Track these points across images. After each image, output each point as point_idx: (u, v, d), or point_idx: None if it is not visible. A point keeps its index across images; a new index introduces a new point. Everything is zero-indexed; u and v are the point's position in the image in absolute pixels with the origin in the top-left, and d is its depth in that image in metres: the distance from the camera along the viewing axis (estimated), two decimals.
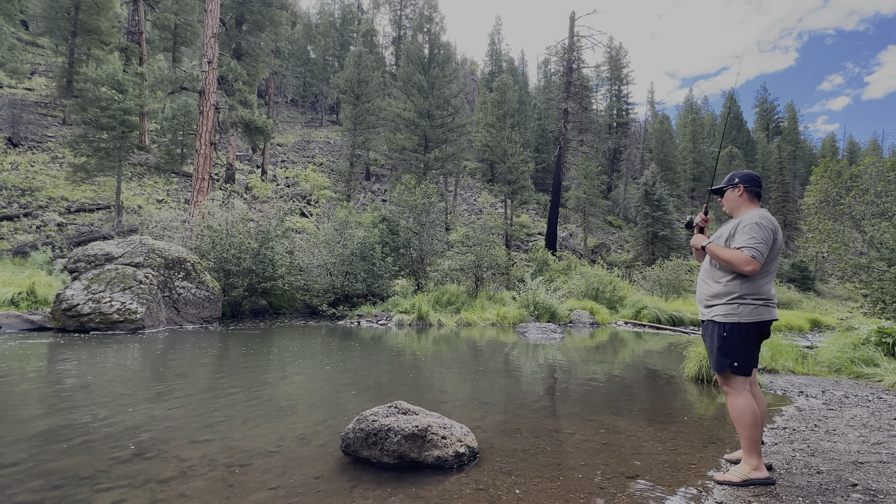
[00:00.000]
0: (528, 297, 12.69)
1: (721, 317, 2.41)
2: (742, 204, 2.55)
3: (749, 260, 2.29)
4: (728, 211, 2.62)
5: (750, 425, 2.32)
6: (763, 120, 64.34)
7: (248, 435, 3.03)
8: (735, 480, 2.33)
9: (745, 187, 2.54)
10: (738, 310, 2.36)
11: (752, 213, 2.43)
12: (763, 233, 2.33)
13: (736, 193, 2.57)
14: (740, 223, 2.43)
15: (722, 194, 2.65)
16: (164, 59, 27.41)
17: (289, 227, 14.55)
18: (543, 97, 46.52)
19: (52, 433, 2.97)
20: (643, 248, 30.30)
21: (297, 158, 33.11)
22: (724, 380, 2.44)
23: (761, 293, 2.37)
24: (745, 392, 2.37)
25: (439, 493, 2.23)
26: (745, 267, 2.30)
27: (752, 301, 2.36)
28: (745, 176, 2.57)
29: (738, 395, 2.37)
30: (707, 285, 2.54)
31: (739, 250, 2.33)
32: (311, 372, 5.22)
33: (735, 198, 2.57)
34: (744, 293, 2.37)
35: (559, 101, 29.20)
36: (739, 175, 2.58)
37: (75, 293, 8.31)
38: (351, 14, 50.59)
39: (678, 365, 5.95)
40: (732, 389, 2.40)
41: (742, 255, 2.31)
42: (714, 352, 2.44)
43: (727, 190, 2.61)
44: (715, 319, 2.44)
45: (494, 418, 3.53)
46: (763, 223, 2.35)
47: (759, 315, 2.35)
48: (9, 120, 20.29)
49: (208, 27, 14.80)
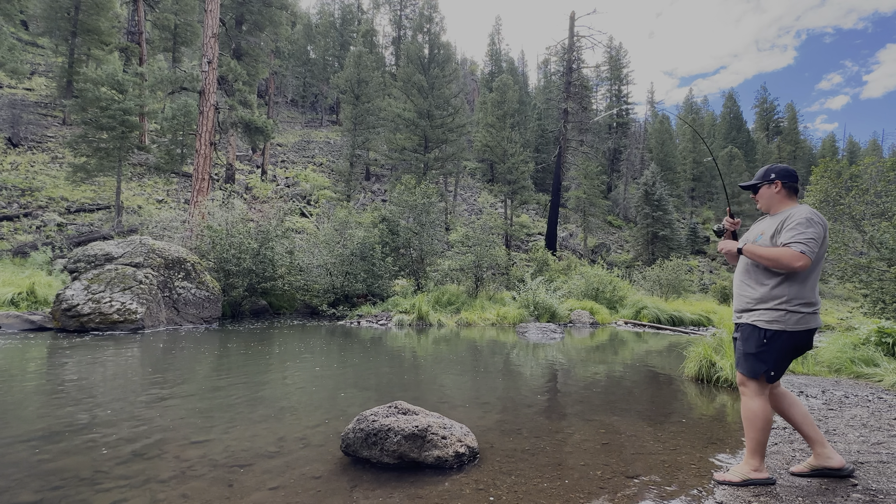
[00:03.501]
0: (528, 297, 12.69)
1: (764, 323, 2.26)
2: (780, 201, 2.40)
3: (799, 255, 2.12)
4: (764, 208, 2.46)
5: (760, 429, 2.27)
6: (763, 120, 64.31)
7: (248, 435, 3.03)
8: (734, 480, 2.31)
9: (783, 183, 2.39)
10: (784, 317, 2.22)
11: (800, 209, 2.27)
12: (814, 229, 2.17)
13: (773, 190, 2.41)
14: (788, 218, 2.26)
15: (756, 191, 2.49)
16: (164, 59, 27.46)
17: (289, 228, 14.54)
18: (543, 97, 46.54)
19: (52, 433, 2.97)
20: (643, 248, 30.31)
21: (297, 158, 33.11)
22: (745, 381, 2.35)
23: (810, 298, 2.22)
24: (762, 396, 2.30)
25: (439, 493, 2.23)
26: (795, 263, 2.13)
27: (801, 308, 2.22)
28: (781, 171, 2.41)
29: (756, 398, 2.30)
30: (749, 288, 2.37)
31: (786, 246, 2.17)
32: (311, 372, 5.22)
33: (772, 194, 2.42)
34: (791, 298, 2.22)
35: (559, 101, 29.22)
36: (776, 170, 2.42)
37: (75, 293, 8.31)
38: (351, 14, 50.59)
39: (678, 365, 5.95)
40: (751, 392, 2.32)
41: (790, 252, 2.15)
42: (749, 357, 2.31)
43: (762, 186, 2.45)
44: (757, 325, 2.29)
45: (494, 418, 3.53)
46: (814, 219, 2.20)
47: (806, 324, 2.22)
48: (9, 120, 20.29)
49: (208, 27, 14.80)
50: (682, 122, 58.23)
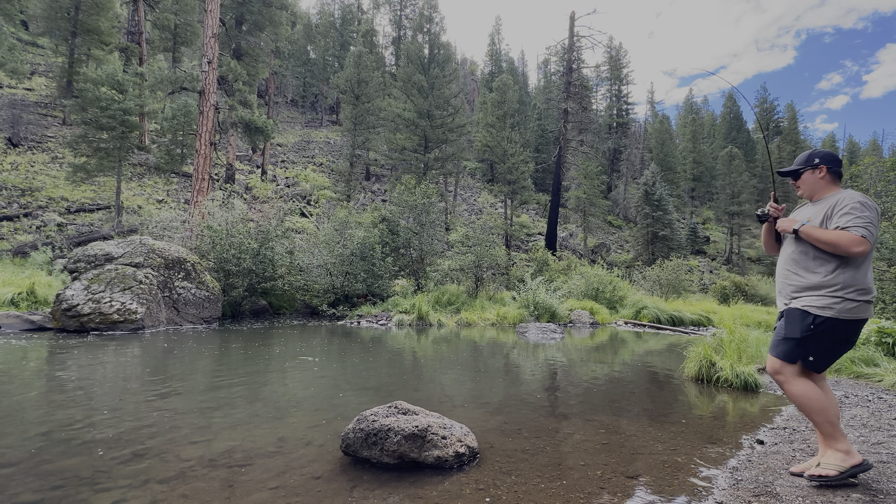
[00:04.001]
0: (528, 297, 12.69)
1: (815, 308, 2.16)
2: (825, 186, 2.32)
3: (860, 240, 2.05)
4: (806, 195, 2.38)
5: (823, 408, 2.14)
6: (763, 120, 64.29)
7: (248, 435, 3.03)
8: (832, 474, 2.15)
9: (827, 168, 2.31)
10: (839, 304, 2.12)
11: (849, 193, 2.20)
12: (870, 213, 2.11)
13: (817, 175, 2.33)
14: (838, 203, 2.18)
15: (797, 176, 2.40)
16: (164, 59, 27.45)
17: (289, 228, 14.55)
18: (543, 97, 46.54)
19: (52, 433, 2.97)
20: (643, 248, 30.32)
21: (297, 158, 33.11)
22: (779, 367, 2.26)
23: (866, 285, 2.13)
24: (800, 378, 2.20)
25: (439, 493, 2.23)
26: (854, 248, 2.05)
27: (856, 297, 2.12)
28: (825, 155, 2.33)
29: (796, 380, 2.21)
30: (797, 276, 2.27)
31: (845, 230, 2.09)
32: (311, 372, 5.22)
33: (816, 180, 2.34)
34: (847, 285, 2.13)
35: (559, 101, 29.22)
36: (819, 154, 2.35)
37: (75, 293, 8.31)
38: (351, 14, 50.58)
39: (678, 365, 5.95)
40: (786, 377, 2.23)
41: (851, 235, 2.07)
42: (788, 341, 2.22)
43: (805, 172, 2.37)
44: (807, 310, 2.18)
45: (494, 418, 3.53)
46: (868, 203, 2.13)
47: (860, 313, 2.13)
48: (9, 120, 20.29)
49: (208, 27, 14.80)
50: (683, 122, 58.24)
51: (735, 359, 5.16)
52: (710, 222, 45.32)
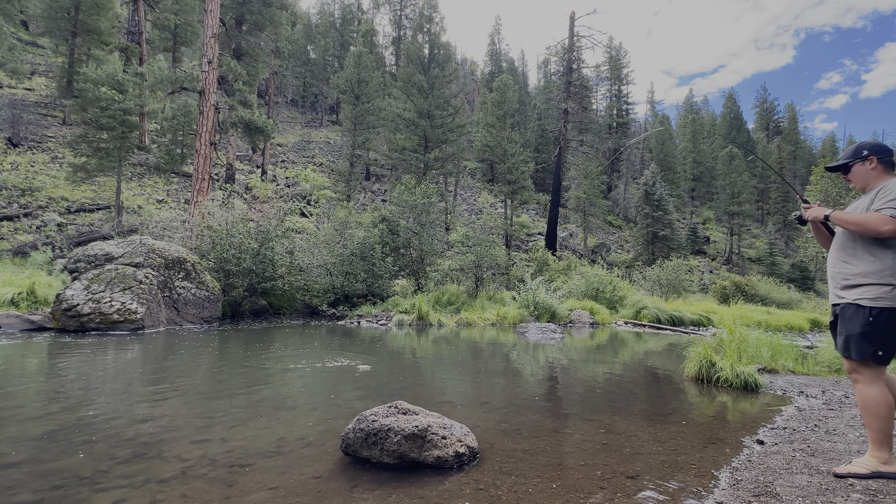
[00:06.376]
0: (528, 297, 12.69)
1: (868, 300, 2.17)
2: (877, 176, 2.34)
3: (888, 219, 2.09)
4: (859, 187, 2.40)
5: (884, 417, 2.16)
6: (763, 120, 64.33)
7: (248, 435, 3.03)
8: (862, 472, 2.20)
9: (878, 158, 2.32)
10: (891, 293, 2.13)
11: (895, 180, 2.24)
12: None
13: (868, 166, 2.35)
14: (883, 188, 2.22)
15: (848, 170, 2.41)
16: (164, 59, 27.40)
17: (289, 228, 14.55)
18: (543, 97, 46.56)
19: (52, 433, 2.97)
20: (643, 248, 30.33)
21: (297, 158, 33.11)
22: (858, 367, 2.24)
23: None
24: (879, 381, 2.20)
25: (439, 493, 2.23)
26: (883, 227, 2.09)
27: None
28: (875, 146, 2.36)
29: (872, 384, 2.20)
30: (848, 265, 2.30)
31: (877, 212, 2.13)
32: (311, 372, 5.22)
33: (867, 171, 2.35)
34: (894, 273, 2.15)
35: (559, 101, 29.22)
36: (868, 146, 2.37)
37: (75, 293, 8.31)
38: (351, 14, 50.59)
39: (678, 365, 5.95)
40: (864, 378, 2.21)
41: (878, 215, 2.11)
42: (855, 338, 2.21)
43: (854, 164, 2.38)
44: (860, 303, 2.20)
45: (494, 418, 3.53)
46: None
47: None
48: (9, 120, 20.29)
49: (208, 27, 14.80)
50: (683, 122, 58.24)
51: (735, 359, 5.16)
52: (710, 222, 45.33)
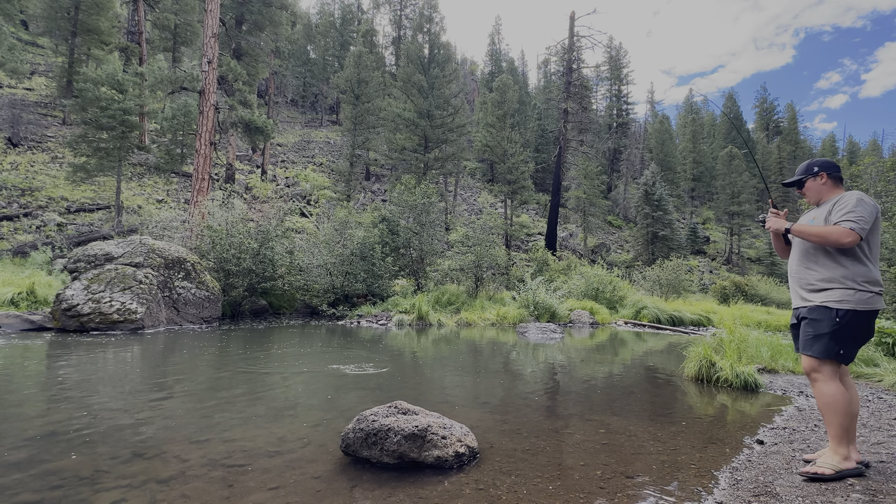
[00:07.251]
0: (528, 297, 12.69)
1: (835, 302, 2.30)
2: (829, 190, 2.51)
3: (848, 231, 2.22)
4: (813, 201, 2.57)
5: (843, 413, 2.26)
6: (763, 120, 64.30)
7: (248, 435, 3.03)
8: (827, 473, 2.27)
9: (828, 174, 2.50)
10: (854, 296, 2.27)
11: (850, 193, 2.38)
12: (864, 208, 2.26)
13: (819, 182, 2.52)
14: (839, 201, 2.36)
15: (802, 185, 2.59)
16: (164, 59, 27.41)
17: (289, 227, 14.55)
18: (543, 97, 46.56)
19: (52, 433, 2.97)
20: (643, 248, 30.33)
21: (297, 158, 33.11)
22: (816, 365, 2.35)
23: (874, 277, 2.29)
24: (836, 379, 2.32)
25: (439, 493, 2.23)
26: (843, 239, 2.22)
27: (869, 287, 2.28)
28: (824, 163, 2.53)
29: (831, 381, 2.31)
30: (811, 271, 2.43)
31: (836, 225, 2.27)
32: (310, 372, 5.22)
33: (819, 186, 2.53)
34: (857, 276, 2.29)
35: (559, 101, 29.22)
36: (818, 163, 2.54)
37: (75, 293, 8.31)
38: (351, 14, 50.58)
39: (678, 365, 5.95)
40: (823, 376, 2.33)
41: (839, 228, 2.24)
42: (822, 337, 2.32)
43: (807, 180, 2.56)
44: (828, 305, 2.33)
45: (494, 418, 3.53)
46: (865, 199, 2.30)
47: (875, 304, 2.28)
48: (9, 120, 20.29)
49: (208, 27, 14.80)
50: (683, 122, 58.27)
51: (735, 359, 5.16)
52: (710, 222, 45.32)
